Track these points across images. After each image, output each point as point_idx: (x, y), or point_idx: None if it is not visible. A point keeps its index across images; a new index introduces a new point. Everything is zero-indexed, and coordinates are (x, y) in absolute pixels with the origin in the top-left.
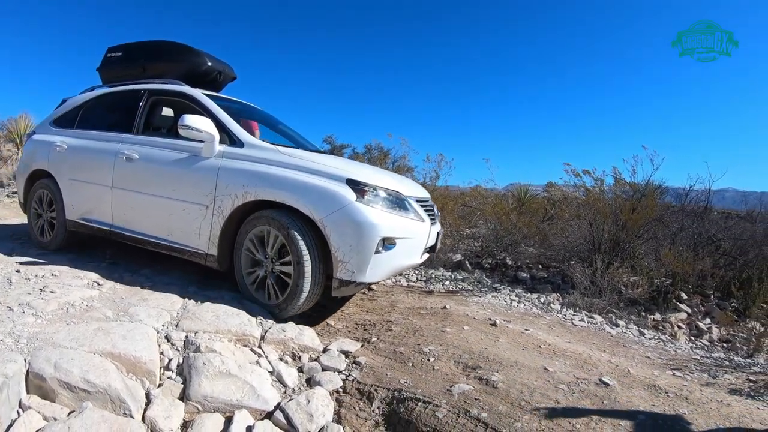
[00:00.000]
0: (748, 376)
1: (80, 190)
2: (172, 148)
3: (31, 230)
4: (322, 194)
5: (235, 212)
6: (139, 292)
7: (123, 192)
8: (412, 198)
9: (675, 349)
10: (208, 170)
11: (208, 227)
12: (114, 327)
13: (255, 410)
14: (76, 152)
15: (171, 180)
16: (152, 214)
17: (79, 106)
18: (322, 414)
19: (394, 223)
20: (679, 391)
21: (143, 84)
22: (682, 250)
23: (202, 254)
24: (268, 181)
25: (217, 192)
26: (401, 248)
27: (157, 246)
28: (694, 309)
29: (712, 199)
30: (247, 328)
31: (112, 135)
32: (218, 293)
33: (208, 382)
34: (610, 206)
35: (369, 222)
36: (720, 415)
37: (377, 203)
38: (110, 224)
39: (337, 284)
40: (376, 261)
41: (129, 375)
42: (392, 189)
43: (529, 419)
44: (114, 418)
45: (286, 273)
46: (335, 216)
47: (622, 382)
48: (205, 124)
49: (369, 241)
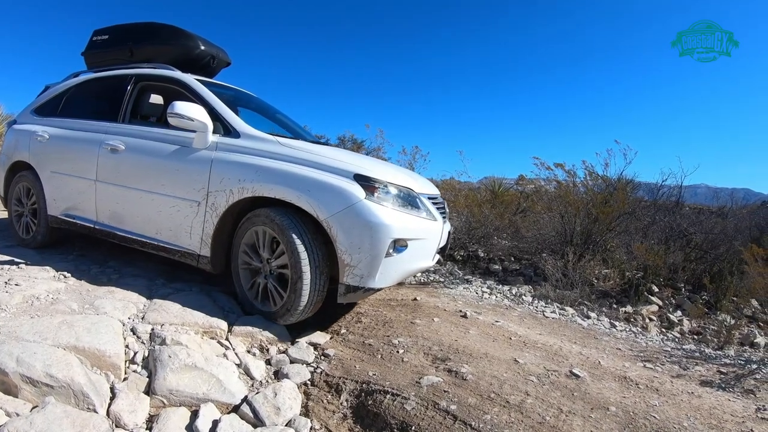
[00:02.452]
0: (719, 368)
1: (62, 183)
2: (161, 139)
3: (11, 226)
4: (327, 191)
5: (231, 210)
6: (106, 284)
7: (107, 186)
8: (424, 195)
9: (646, 341)
10: (200, 163)
11: (200, 226)
12: (78, 320)
13: (222, 404)
14: (57, 142)
15: (159, 174)
16: (139, 210)
17: (61, 93)
18: (290, 407)
19: (407, 223)
20: (649, 382)
21: (130, 69)
22: (654, 243)
23: (194, 255)
24: (266, 176)
25: (210, 187)
26: (413, 250)
27: (144, 245)
28: (665, 301)
29: (684, 194)
30: (214, 320)
31: (95, 124)
32: (186, 285)
33: (174, 376)
34: (582, 199)
35: (380, 222)
36: (691, 406)
37: (388, 201)
38: (94, 221)
39: (343, 290)
40: (387, 265)
41: (93, 369)
42: (404, 185)
43: (498, 411)
44: (77, 413)
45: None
46: (342, 215)
47: (593, 373)
48: (198, 111)
49: (380, 243)
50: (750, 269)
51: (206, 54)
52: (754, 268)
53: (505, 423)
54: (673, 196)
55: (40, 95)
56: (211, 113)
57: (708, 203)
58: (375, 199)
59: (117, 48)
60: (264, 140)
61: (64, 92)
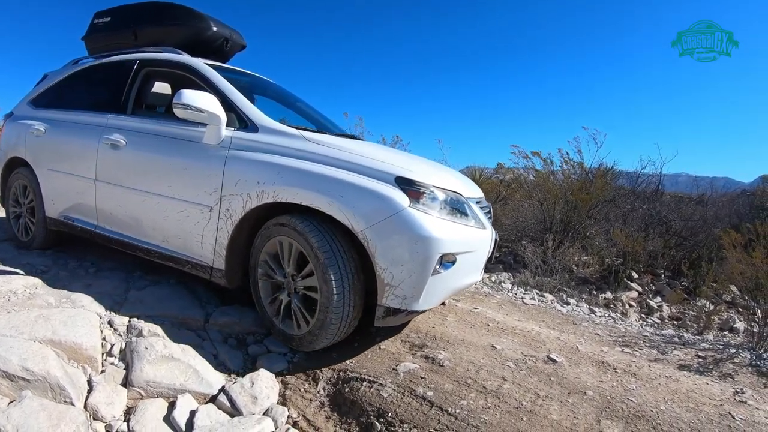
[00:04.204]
0: (698, 353)
1: (60, 182)
2: (167, 134)
3: (9, 227)
4: (364, 197)
5: (248, 217)
6: (83, 278)
7: (108, 186)
8: (473, 200)
9: (625, 326)
10: (212, 162)
11: (212, 234)
12: (55, 314)
13: (199, 394)
14: (54, 137)
15: (165, 173)
16: (143, 215)
17: (59, 82)
18: (267, 396)
19: (456, 235)
20: (627, 367)
21: (134, 54)
22: (633, 230)
23: (206, 267)
24: (291, 178)
25: (223, 190)
26: (462, 265)
27: (150, 254)
28: (644, 288)
29: (664, 183)
30: (191, 311)
31: (94, 116)
32: (164, 277)
33: (151, 367)
34: (561, 187)
35: (427, 235)
36: (668, 390)
37: (435, 209)
38: (95, 225)
39: (382, 313)
40: (433, 284)
41: (70, 362)
42: (452, 189)
43: (475, 397)
44: (53, 407)
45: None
46: (382, 227)
47: (571, 358)
48: (209, 101)
49: (426, 260)
50: (729, 254)
51: (219, 36)
52: (733, 253)
53: (481, 408)
54: (653, 184)
55: (38, 84)
56: (225, 103)
57: (688, 191)
58: (420, 207)
59: (120, 31)
60: (287, 135)
61: (62, 81)
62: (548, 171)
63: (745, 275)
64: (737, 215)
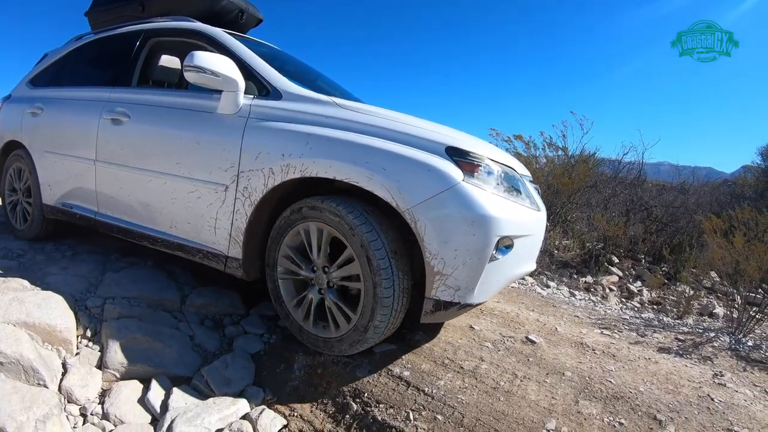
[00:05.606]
0: (677, 336)
1: (57, 165)
2: (176, 106)
3: (5, 215)
4: (411, 170)
5: (270, 197)
6: (60, 261)
7: (109, 168)
8: (526, 177)
9: (605, 309)
10: (227, 133)
11: (227, 218)
12: (29, 296)
13: (174, 376)
14: (52, 116)
15: (173, 149)
16: (148, 198)
17: (60, 59)
18: (242, 377)
19: (514, 216)
20: (606, 348)
21: (140, 24)
22: (615, 215)
23: (221, 256)
24: (323, 148)
25: (241, 165)
26: (518, 251)
27: (156, 242)
28: (625, 272)
29: (647, 172)
30: (167, 293)
31: (96, 91)
32: (141, 259)
33: (126, 349)
34: (542, 171)
35: (485, 214)
36: (647, 372)
37: (490, 184)
38: (95, 212)
39: (431, 307)
40: (490, 272)
41: (44, 344)
42: (506, 164)
43: (452, 377)
44: (27, 389)
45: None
46: (433, 204)
47: (549, 340)
48: (225, 65)
49: (484, 244)
50: (709, 239)
51: (234, 7)
52: (714, 239)
53: (458, 388)
54: (635, 170)
55: (38, 63)
56: (243, 70)
57: (671, 180)
58: (475, 181)
59: (125, 3)
60: (316, 101)
61: (63, 58)
62: (530, 156)
63: (725, 261)
64: (718, 203)
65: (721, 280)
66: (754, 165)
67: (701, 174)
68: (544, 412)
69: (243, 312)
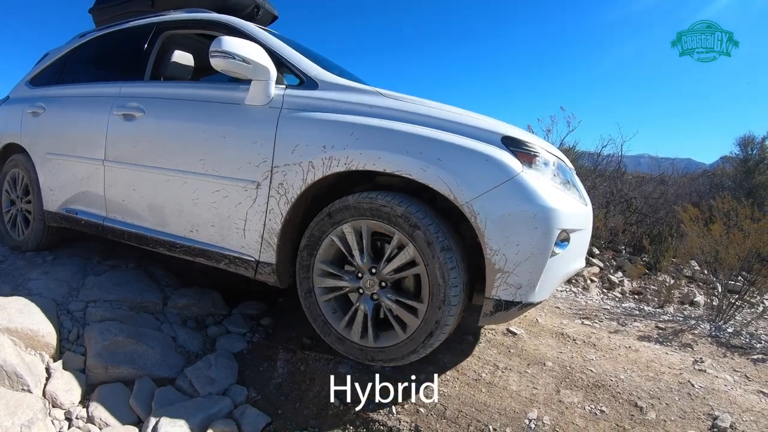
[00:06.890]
0: (657, 324)
1: (61, 168)
2: (198, 98)
3: (1, 224)
4: (468, 160)
5: (308, 194)
6: (41, 266)
7: (120, 168)
8: (573, 171)
9: (586, 300)
10: (259, 125)
11: (259, 218)
12: (11, 302)
13: (158, 377)
14: (55, 116)
15: (196, 145)
16: (165, 199)
17: (62, 57)
18: (225, 377)
19: (571, 208)
20: (587, 338)
21: (151, 17)
22: (594, 207)
23: (251, 262)
24: (369, 139)
25: (276, 160)
26: (574, 246)
27: (173, 248)
28: (606, 263)
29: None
30: (149, 294)
31: (105, 87)
32: (122, 261)
33: (109, 352)
34: None
35: (547, 205)
36: (628, 360)
37: (548, 176)
38: (103, 217)
39: (491, 307)
40: (550, 268)
41: (27, 350)
42: (558, 156)
43: (432, 370)
44: (10, 394)
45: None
46: (494, 196)
47: (530, 330)
48: (255, 51)
49: (547, 237)
50: (689, 230)
51: (249, 2)
52: (693, 228)
53: (440, 381)
54: (614, 163)
55: (39, 63)
56: (274, 57)
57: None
58: (533, 172)
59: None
60: (357, 90)
61: (67, 55)
62: None
63: (704, 249)
64: (698, 194)
65: (701, 269)
66: (732, 155)
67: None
68: (525, 402)
69: (225, 312)
